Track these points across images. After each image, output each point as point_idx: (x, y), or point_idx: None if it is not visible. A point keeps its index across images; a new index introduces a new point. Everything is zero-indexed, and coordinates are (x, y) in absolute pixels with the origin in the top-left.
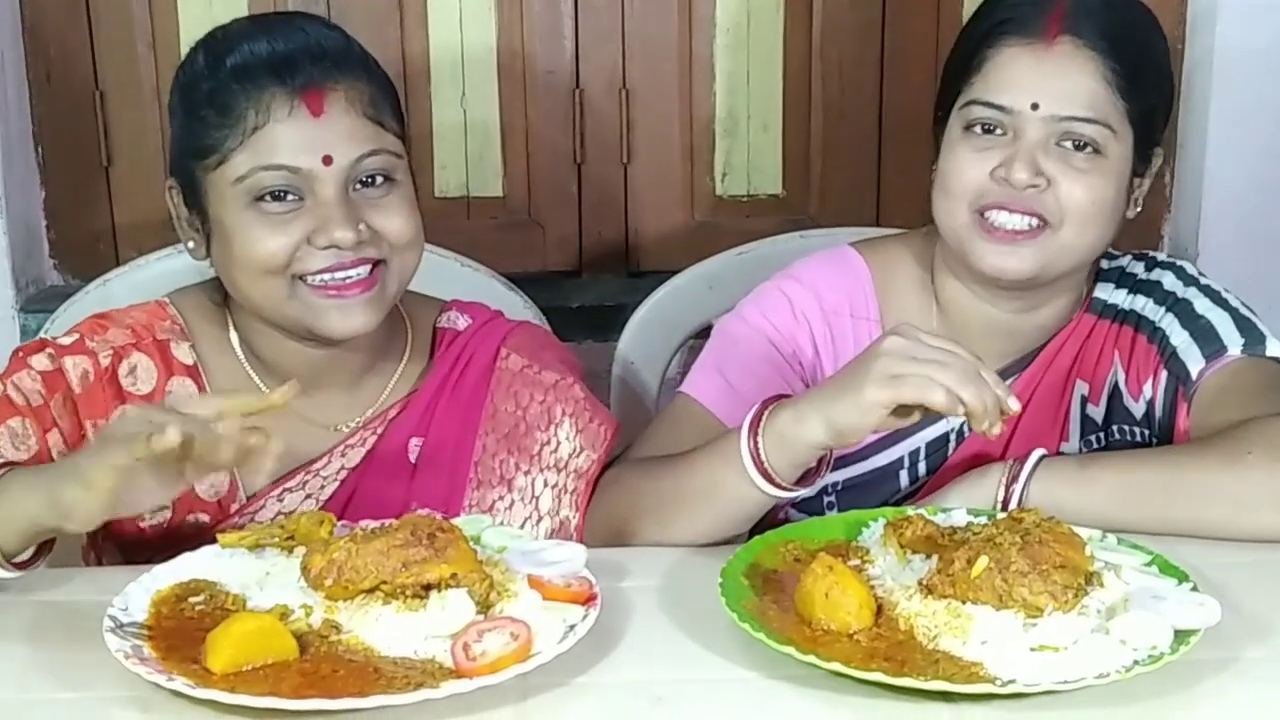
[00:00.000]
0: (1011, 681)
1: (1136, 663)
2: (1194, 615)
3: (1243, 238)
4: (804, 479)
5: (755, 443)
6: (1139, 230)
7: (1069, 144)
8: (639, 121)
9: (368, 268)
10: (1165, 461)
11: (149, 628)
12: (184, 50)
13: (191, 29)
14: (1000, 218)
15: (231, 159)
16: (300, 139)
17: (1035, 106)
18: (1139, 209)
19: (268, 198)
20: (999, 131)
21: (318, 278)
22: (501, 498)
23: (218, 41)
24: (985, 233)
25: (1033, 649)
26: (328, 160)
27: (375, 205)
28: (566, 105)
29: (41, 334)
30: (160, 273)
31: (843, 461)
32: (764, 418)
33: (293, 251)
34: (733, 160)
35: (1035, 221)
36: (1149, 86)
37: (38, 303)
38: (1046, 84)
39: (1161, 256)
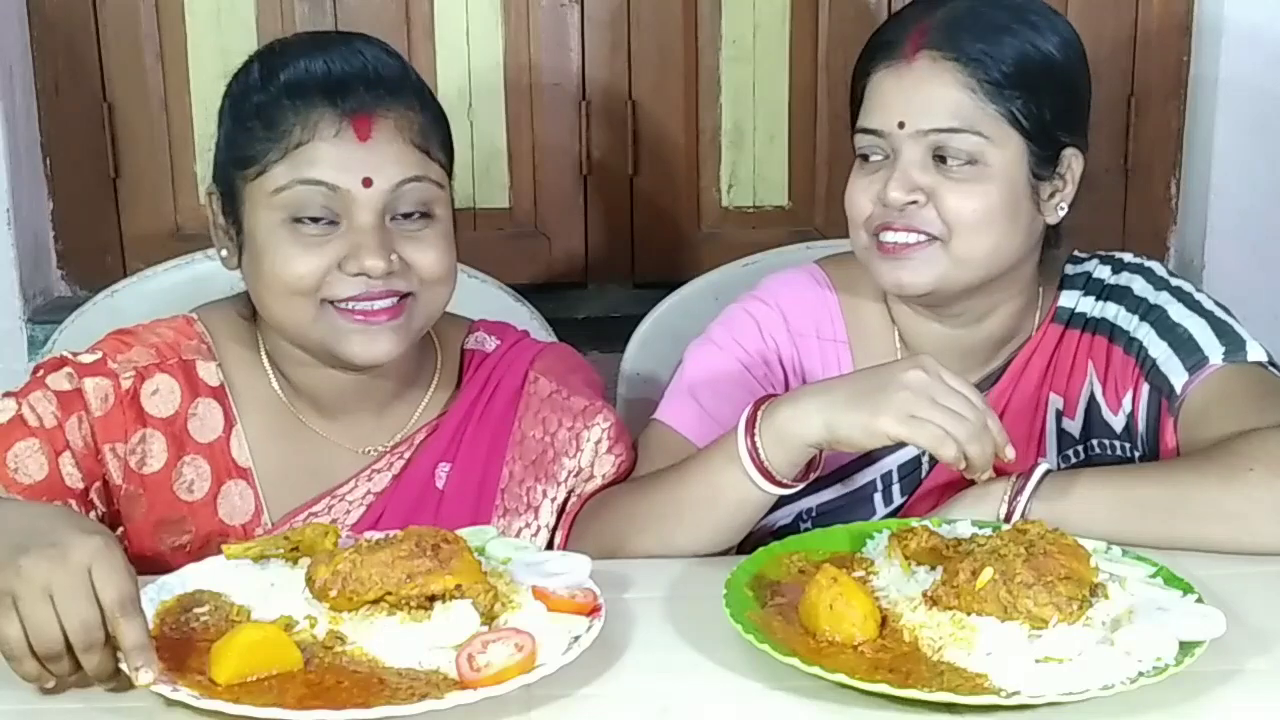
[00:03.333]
0: (1016, 693)
1: (1141, 674)
2: (1199, 627)
3: (1249, 251)
4: (799, 475)
5: (753, 441)
6: (1146, 243)
7: (944, 157)
8: (645, 133)
9: (394, 299)
10: (1167, 478)
11: (154, 638)
12: (192, 63)
13: (199, 42)
14: (889, 236)
15: (271, 170)
16: (343, 159)
17: (902, 125)
18: (1063, 213)
19: (306, 220)
20: (879, 156)
21: (345, 304)
22: (528, 525)
23: (274, 55)
24: (880, 251)
25: (1038, 660)
26: (368, 183)
27: (410, 237)
28: (573, 117)
29: (49, 345)
30: (168, 284)
31: (816, 485)
32: (759, 416)
33: (322, 276)
34: (739, 172)
35: (922, 237)
36: (1029, 88)
37: (45, 314)
38: (909, 100)
39: (1128, 257)
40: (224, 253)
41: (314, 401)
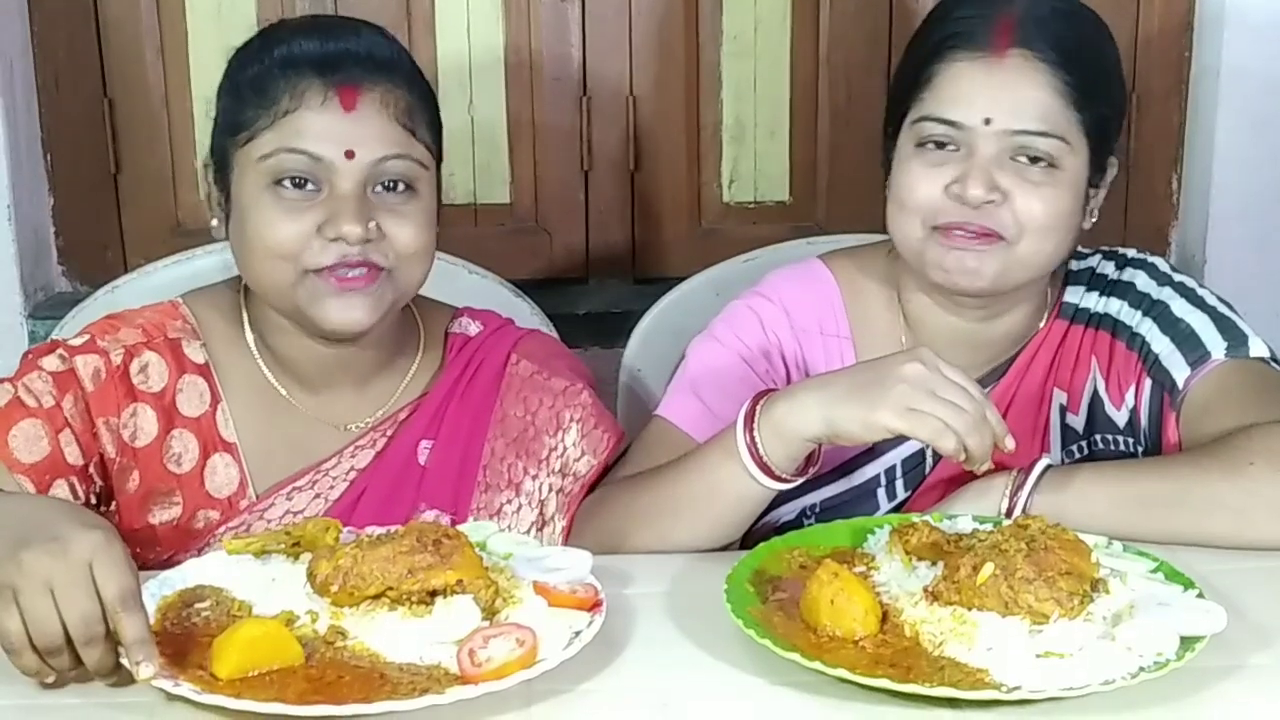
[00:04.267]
0: (1017, 688)
1: (1142, 669)
2: (1200, 622)
3: (1250, 245)
4: (798, 469)
5: (751, 436)
6: (1147, 238)
7: (1023, 158)
8: (646, 128)
9: (370, 270)
10: (1168, 473)
11: (155, 633)
12: (192, 58)
13: (200, 36)
14: (958, 232)
15: (260, 137)
16: (328, 129)
17: (988, 121)
18: (1095, 219)
19: (287, 183)
20: (951, 147)
21: (323, 273)
22: (509, 501)
23: (273, 32)
24: (944, 240)
25: (1038, 655)
26: (350, 154)
27: (391, 210)
28: (574, 112)
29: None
30: (169, 279)
31: (819, 481)
32: (757, 411)
33: (303, 241)
34: (740, 167)
35: (986, 236)
36: (1101, 97)
37: (46, 309)
38: (998, 97)
39: (1131, 253)
40: (215, 222)
41: (297, 375)
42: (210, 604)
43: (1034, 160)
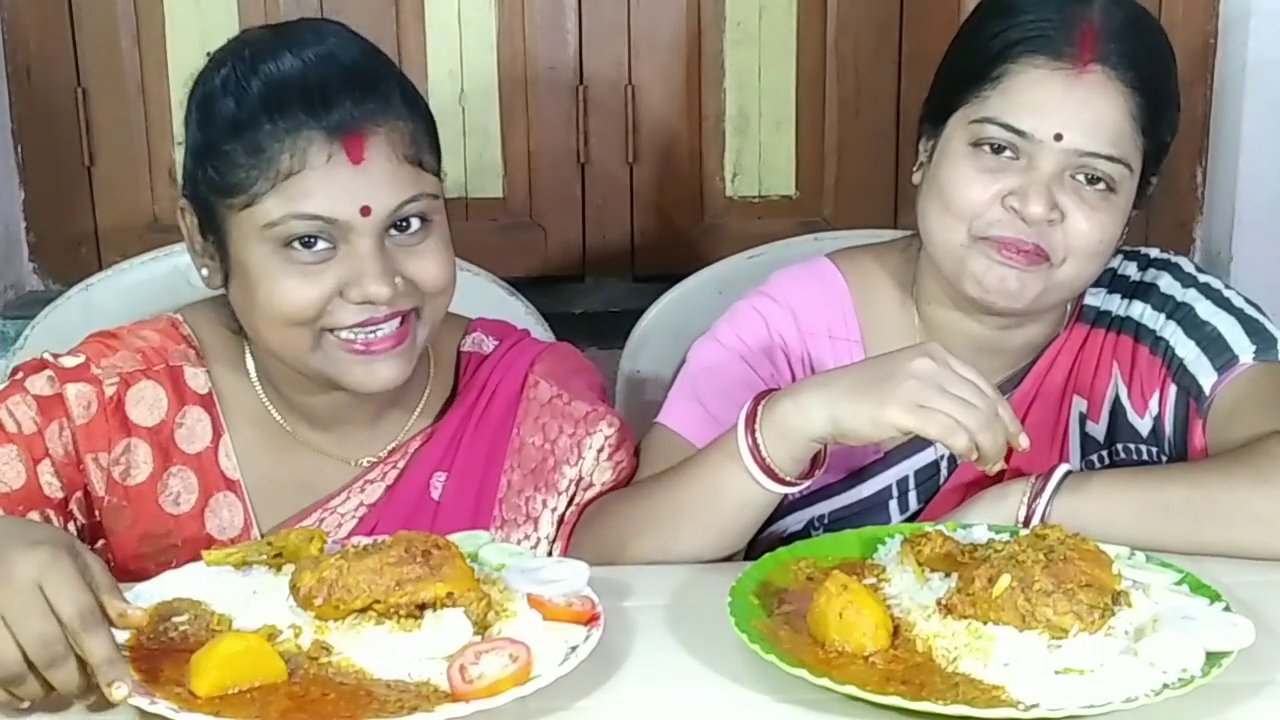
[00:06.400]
0: (1035, 706)
1: (1166, 686)
2: (1226, 636)
3: (1276, 240)
4: (803, 473)
5: (753, 438)
6: (1171, 234)
7: (1082, 177)
8: (645, 119)
9: (398, 321)
10: (1194, 480)
11: (130, 649)
12: (170, 46)
13: (178, 23)
14: (1006, 249)
15: (261, 203)
16: (337, 187)
17: (1059, 137)
18: (1126, 233)
19: (297, 244)
20: (1010, 155)
21: (347, 332)
22: (527, 537)
23: (243, 60)
24: (992, 249)
25: (1057, 672)
26: (366, 211)
27: (410, 252)
28: (569, 102)
29: (21, 341)
30: (145, 277)
31: (828, 491)
32: (759, 411)
33: (323, 304)
34: (744, 160)
35: (1036, 255)
36: (1165, 123)
37: (17, 308)
38: (1074, 115)
39: (1154, 253)
40: (204, 271)
41: (305, 416)
42: (188, 618)
43: (1091, 180)
